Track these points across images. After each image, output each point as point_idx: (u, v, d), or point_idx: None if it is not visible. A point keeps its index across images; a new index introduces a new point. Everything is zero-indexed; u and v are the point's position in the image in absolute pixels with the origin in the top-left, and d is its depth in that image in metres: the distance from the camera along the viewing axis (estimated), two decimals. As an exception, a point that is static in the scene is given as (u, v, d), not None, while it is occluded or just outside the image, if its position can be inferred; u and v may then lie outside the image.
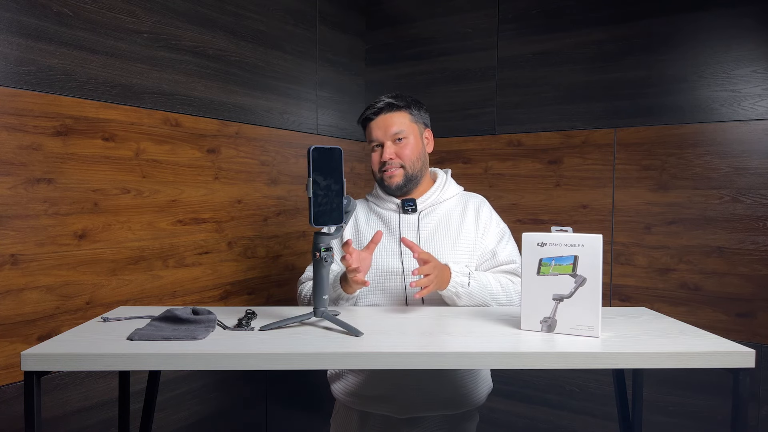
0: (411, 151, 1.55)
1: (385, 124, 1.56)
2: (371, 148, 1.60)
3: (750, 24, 2.04)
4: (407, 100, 1.59)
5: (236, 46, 2.14)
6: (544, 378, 2.46)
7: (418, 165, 1.57)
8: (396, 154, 1.54)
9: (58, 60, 1.59)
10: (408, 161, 1.55)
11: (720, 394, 2.12)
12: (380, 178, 1.59)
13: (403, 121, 1.56)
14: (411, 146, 1.56)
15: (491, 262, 1.56)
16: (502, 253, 1.55)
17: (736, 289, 2.09)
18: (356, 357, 1.04)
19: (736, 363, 1.04)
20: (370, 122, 1.58)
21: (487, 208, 1.62)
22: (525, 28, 2.48)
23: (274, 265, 2.34)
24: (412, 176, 1.56)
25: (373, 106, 1.58)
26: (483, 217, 1.58)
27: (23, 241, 1.53)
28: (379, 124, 1.56)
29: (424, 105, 1.64)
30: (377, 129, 1.57)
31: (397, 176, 1.55)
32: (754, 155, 2.06)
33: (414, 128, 1.58)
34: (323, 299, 1.20)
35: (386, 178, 1.56)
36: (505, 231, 1.60)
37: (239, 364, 1.03)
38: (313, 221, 1.15)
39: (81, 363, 1.02)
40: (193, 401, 2.05)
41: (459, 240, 1.54)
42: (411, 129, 1.57)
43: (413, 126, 1.58)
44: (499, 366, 1.04)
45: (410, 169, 1.55)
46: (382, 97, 1.59)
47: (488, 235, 1.56)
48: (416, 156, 1.56)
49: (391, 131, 1.55)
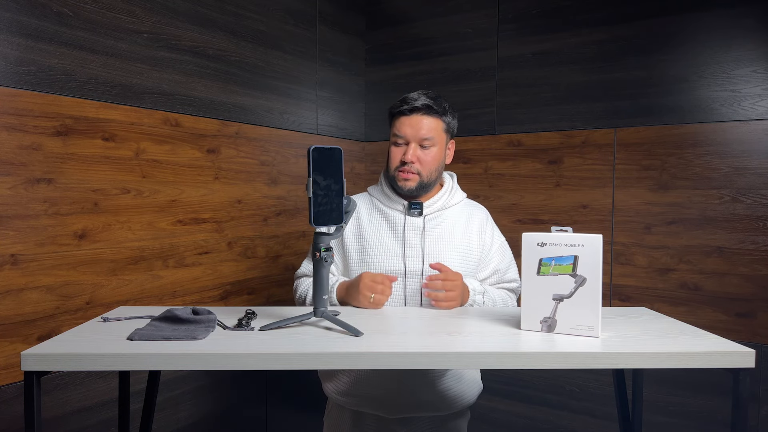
0: (432, 160, 1.52)
1: (418, 125, 1.50)
2: (393, 142, 1.55)
3: (750, 24, 2.04)
4: (444, 107, 1.54)
5: (236, 46, 2.14)
6: (543, 378, 2.46)
7: (435, 175, 1.55)
8: (418, 158, 1.51)
9: (58, 60, 1.59)
10: (426, 170, 1.52)
11: (720, 394, 2.12)
12: (393, 176, 1.55)
13: (435, 128, 1.52)
14: (434, 155, 1.52)
15: (496, 278, 1.61)
16: (508, 272, 1.62)
17: (736, 289, 2.09)
18: (356, 357, 1.04)
19: (736, 363, 1.04)
20: (403, 116, 1.52)
21: (491, 224, 1.65)
22: (525, 28, 2.48)
23: (274, 265, 2.34)
24: (426, 184, 1.54)
25: (410, 101, 1.51)
26: (487, 233, 1.61)
27: (23, 241, 1.53)
28: (412, 123, 1.50)
29: (457, 113, 1.61)
30: (408, 126, 1.51)
31: (411, 181, 1.52)
32: (754, 155, 2.06)
33: (443, 138, 1.55)
34: (323, 299, 1.20)
35: (400, 179, 1.52)
36: (504, 246, 1.65)
37: (239, 364, 1.03)
38: (313, 221, 1.15)
39: (81, 363, 1.02)
40: (193, 401, 2.05)
41: (462, 248, 1.56)
42: (440, 138, 1.53)
43: (443, 135, 1.55)
44: (499, 366, 1.04)
45: (426, 178, 1.52)
46: (420, 94, 1.53)
47: (492, 254, 1.61)
48: (435, 166, 1.54)
49: (420, 134, 1.50)
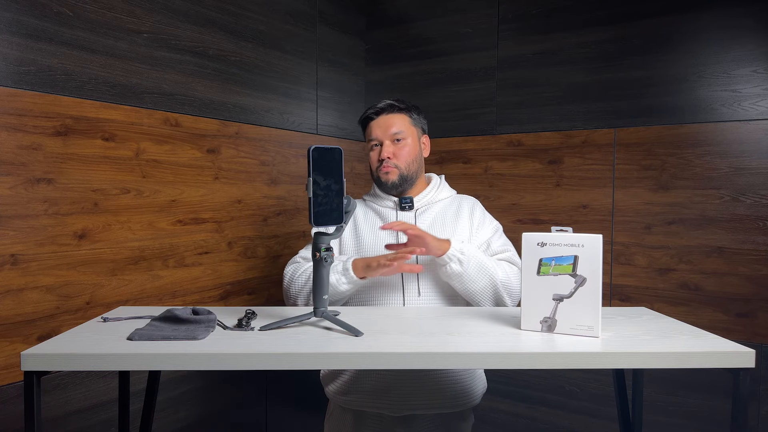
0: (408, 153, 1.61)
1: (385, 124, 1.61)
2: (370, 147, 1.65)
3: (750, 24, 2.04)
4: (408, 104, 1.66)
5: (236, 46, 2.14)
6: (543, 378, 2.46)
7: (414, 167, 1.62)
8: (393, 153, 1.60)
9: (58, 60, 1.59)
10: (404, 162, 1.60)
11: (720, 394, 2.12)
12: (377, 176, 1.64)
13: (403, 123, 1.62)
14: (409, 148, 1.61)
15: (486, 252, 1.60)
16: (496, 243, 1.61)
17: (736, 289, 2.09)
18: (356, 357, 1.04)
19: (736, 363, 1.04)
20: (371, 121, 1.64)
21: (480, 208, 1.68)
22: (525, 28, 2.48)
23: (274, 265, 2.34)
24: (407, 176, 1.61)
25: (374, 106, 1.64)
26: (477, 216, 1.64)
27: (23, 241, 1.53)
28: (380, 124, 1.62)
29: (423, 112, 1.71)
30: (377, 128, 1.62)
31: (392, 174, 1.60)
32: (754, 155, 2.06)
33: (413, 131, 1.64)
34: (323, 299, 1.20)
35: (382, 174, 1.61)
36: (498, 227, 1.66)
37: (239, 364, 1.03)
38: (313, 221, 1.15)
39: (81, 363, 1.02)
40: (193, 401, 2.05)
41: (454, 236, 1.57)
42: (410, 131, 1.63)
43: (412, 129, 1.64)
44: (499, 366, 1.04)
45: (405, 169, 1.60)
46: (383, 99, 1.65)
47: (482, 230, 1.62)
48: (412, 158, 1.62)
49: (390, 131, 1.60)
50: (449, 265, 1.44)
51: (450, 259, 1.44)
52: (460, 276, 1.45)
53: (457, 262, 1.44)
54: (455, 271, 1.45)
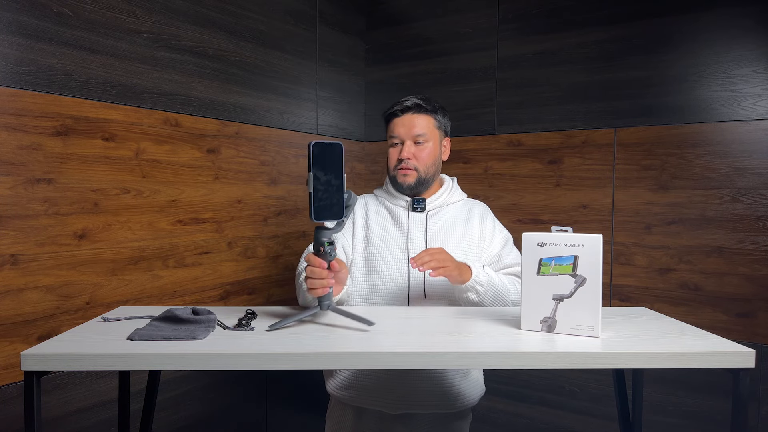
0: (428, 156, 1.58)
1: (410, 123, 1.58)
2: (390, 144, 1.62)
3: (750, 24, 2.04)
4: (434, 105, 1.62)
5: (236, 46, 2.14)
6: (543, 378, 2.46)
7: (432, 170, 1.60)
8: (414, 155, 1.57)
9: (58, 60, 1.59)
10: (423, 165, 1.58)
11: (720, 394, 2.12)
12: (393, 175, 1.61)
13: (427, 125, 1.59)
14: (429, 150, 1.58)
15: (497, 265, 1.60)
16: (508, 257, 1.60)
17: (736, 289, 2.09)
18: (357, 357, 1.04)
19: (736, 363, 1.04)
20: (395, 118, 1.60)
21: (491, 216, 1.67)
22: (525, 28, 2.48)
23: (274, 265, 2.34)
24: (424, 180, 1.59)
25: (401, 103, 1.60)
26: (488, 226, 1.62)
27: (23, 241, 1.53)
28: (404, 122, 1.58)
29: (448, 113, 1.67)
30: (401, 126, 1.59)
31: (410, 177, 1.58)
32: (754, 155, 2.06)
33: (436, 134, 1.61)
34: (328, 293, 1.21)
35: (399, 176, 1.58)
36: (508, 238, 1.65)
37: (239, 364, 1.03)
38: (313, 216, 1.15)
39: (81, 363, 1.02)
40: (193, 401, 2.05)
41: (464, 241, 1.57)
42: (433, 134, 1.60)
43: (435, 132, 1.61)
44: (499, 366, 1.04)
45: (424, 173, 1.58)
46: (410, 96, 1.61)
47: (494, 242, 1.61)
48: (432, 161, 1.59)
49: (414, 132, 1.57)
50: (467, 294, 1.45)
51: (468, 290, 1.45)
52: (476, 304, 1.47)
53: (474, 293, 1.45)
54: (471, 300, 1.46)
